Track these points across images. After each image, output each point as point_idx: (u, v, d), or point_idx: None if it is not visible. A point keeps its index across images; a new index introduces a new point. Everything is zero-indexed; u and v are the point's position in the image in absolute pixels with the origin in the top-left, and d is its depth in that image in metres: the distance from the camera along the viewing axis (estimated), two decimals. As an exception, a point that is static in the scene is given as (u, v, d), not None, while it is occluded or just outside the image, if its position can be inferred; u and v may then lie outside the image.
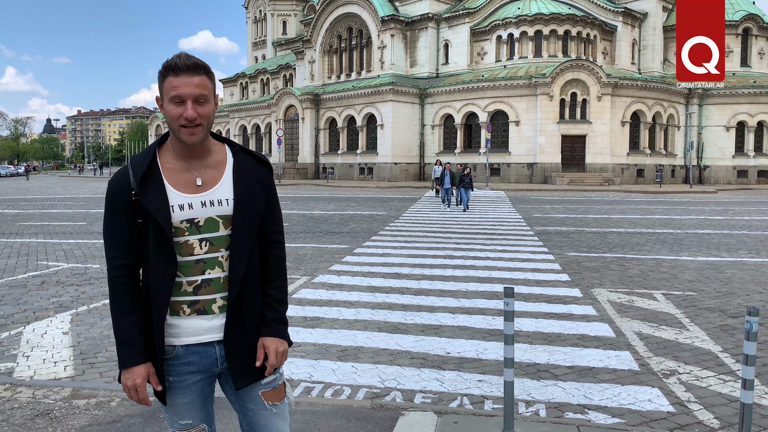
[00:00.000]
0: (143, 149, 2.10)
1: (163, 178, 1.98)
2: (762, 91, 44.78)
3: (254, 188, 2.07)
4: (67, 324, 6.44)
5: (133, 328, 1.97)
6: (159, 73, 1.97)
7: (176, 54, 1.97)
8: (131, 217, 1.97)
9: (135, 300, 1.99)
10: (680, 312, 7.06)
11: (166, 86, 1.94)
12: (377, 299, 7.57)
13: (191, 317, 2.01)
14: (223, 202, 2.02)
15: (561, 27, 45.19)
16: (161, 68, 1.96)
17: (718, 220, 18.58)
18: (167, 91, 1.94)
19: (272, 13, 73.07)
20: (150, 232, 1.96)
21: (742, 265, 10.38)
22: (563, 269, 9.79)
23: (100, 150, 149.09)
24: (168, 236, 1.94)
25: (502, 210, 21.65)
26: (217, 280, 2.01)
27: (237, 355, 2.04)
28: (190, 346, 2.02)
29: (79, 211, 21.13)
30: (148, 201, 1.94)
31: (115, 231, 2.00)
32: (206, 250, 2.00)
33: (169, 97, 1.94)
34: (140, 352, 1.97)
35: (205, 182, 2.02)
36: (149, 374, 1.98)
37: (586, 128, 41.19)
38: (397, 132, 45.75)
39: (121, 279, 1.99)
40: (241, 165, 2.09)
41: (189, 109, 1.92)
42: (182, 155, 2.03)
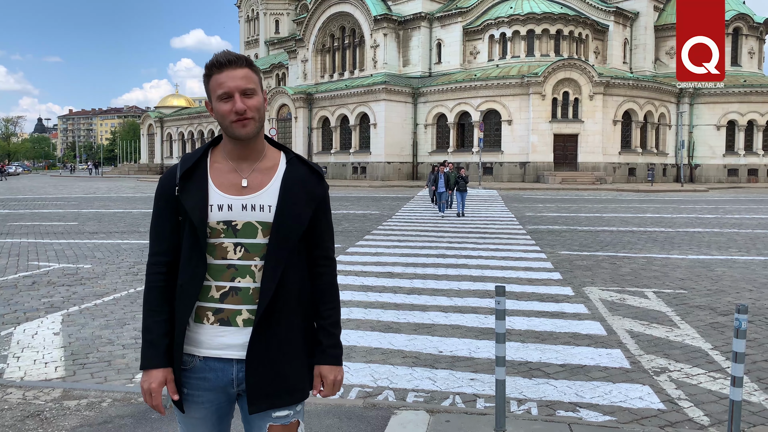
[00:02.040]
0: (199, 147, 2.01)
1: (208, 176, 1.91)
2: (752, 91, 45.10)
3: (300, 198, 1.93)
4: (58, 324, 6.41)
5: (158, 329, 1.89)
6: (203, 76, 1.92)
7: (216, 53, 1.91)
8: (175, 213, 1.92)
9: (166, 299, 1.91)
10: (671, 310, 7.10)
11: (213, 85, 1.87)
12: (370, 298, 7.57)
13: (214, 326, 1.88)
14: (265, 209, 1.90)
15: (553, 26, 45.33)
16: (204, 70, 1.90)
17: (708, 218, 18.70)
18: (214, 89, 1.87)
19: (265, 12, 72.94)
20: (186, 230, 1.90)
21: (732, 263, 10.45)
22: (555, 268, 9.82)
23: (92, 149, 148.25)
24: (200, 235, 1.87)
25: (495, 209, 21.70)
26: (246, 291, 1.88)
27: (258, 374, 1.87)
28: (209, 360, 1.89)
29: (71, 211, 21.01)
30: (186, 198, 1.88)
31: (158, 226, 1.95)
32: (240, 255, 1.88)
33: (216, 95, 1.86)
34: (161, 355, 1.87)
35: (250, 185, 1.91)
36: (167, 380, 1.87)
37: (578, 127, 41.34)
38: (390, 131, 45.76)
39: (157, 276, 1.92)
40: (292, 173, 1.96)
41: (237, 102, 1.84)
42: (233, 155, 1.93)
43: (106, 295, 7.80)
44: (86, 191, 34.93)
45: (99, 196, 29.69)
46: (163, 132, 75.52)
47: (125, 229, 15.39)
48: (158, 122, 75.57)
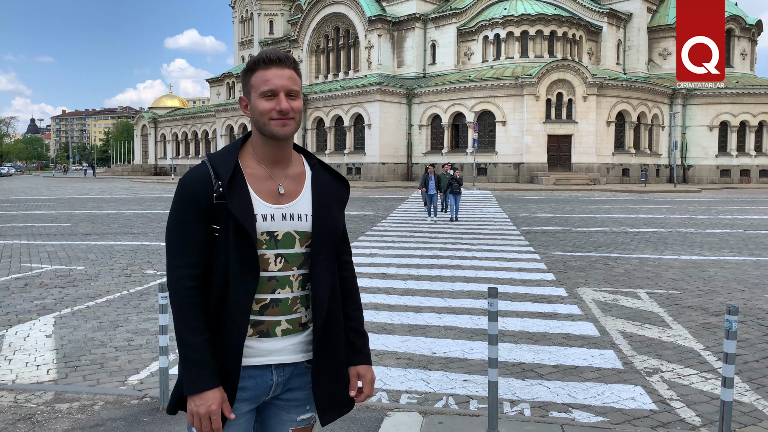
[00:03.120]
0: (226, 146, 1.92)
1: (246, 183, 1.82)
2: (744, 92, 45.35)
3: (333, 205, 1.92)
4: (51, 327, 6.38)
5: (206, 349, 1.75)
6: (244, 71, 1.86)
7: (264, 50, 1.86)
8: (209, 222, 1.78)
9: (205, 316, 1.78)
10: (663, 311, 7.14)
11: (256, 81, 1.82)
12: (364, 299, 7.50)
13: (253, 338, 1.82)
14: (303, 218, 1.86)
15: (547, 27, 45.47)
16: (248, 64, 1.84)
17: (701, 219, 18.79)
18: (258, 85, 1.82)
19: (259, 13, 72.80)
20: (231, 240, 1.77)
21: (724, 264, 10.51)
22: (549, 268, 9.85)
23: (85, 150, 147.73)
24: (254, 247, 1.77)
25: (489, 210, 21.74)
26: (285, 301, 1.84)
27: (324, 385, 1.86)
28: (247, 368, 1.82)
29: (64, 212, 20.92)
30: (234, 206, 1.76)
31: (189, 236, 1.78)
32: (280, 267, 1.83)
33: (260, 91, 1.81)
34: (215, 375, 1.75)
35: (287, 193, 1.87)
36: (223, 400, 1.76)
37: (572, 128, 41.48)
38: (385, 132, 45.78)
39: (192, 291, 1.77)
40: (320, 179, 1.94)
41: (283, 101, 1.80)
42: (265, 160, 1.88)
43: (99, 297, 7.77)
44: (79, 192, 34.79)
45: (92, 197, 29.57)
46: (156, 133, 75.31)
47: (118, 230, 15.33)
48: (152, 123, 75.36)
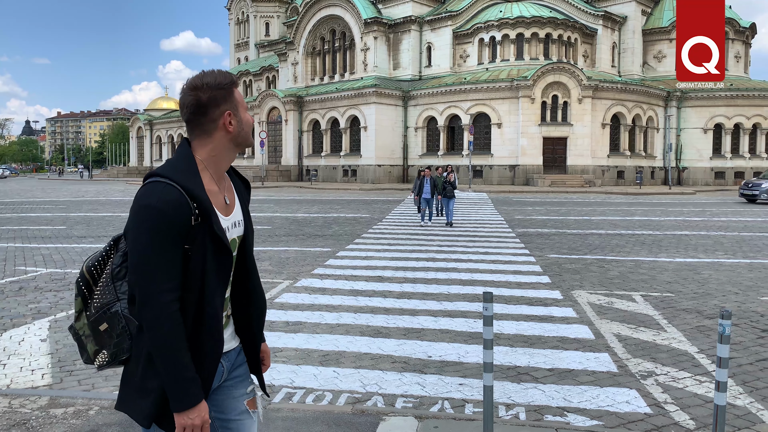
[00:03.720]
0: (176, 162, 1.93)
1: (210, 200, 1.89)
2: (738, 94, 45.58)
3: (247, 206, 2.12)
4: (45, 331, 6.36)
5: (192, 365, 1.83)
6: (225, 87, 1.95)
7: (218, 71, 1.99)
8: (184, 243, 1.83)
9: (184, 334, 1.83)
10: (658, 313, 7.16)
11: (239, 96, 1.99)
12: (360, 303, 7.58)
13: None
14: (240, 223, 2.03)
15: (542, 30, 45.61)
16: (229, 81, 1.96)
17: (695, 221, 18.87)
18: (241, 101, 1.99)
19: (255, 15, 72.85)
20: (209, 257, 1.86)
21: (718, 266, 10.56)
22: (544, 271, 9.88)
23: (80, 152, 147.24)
24: (231, 260, 1.93)
25: (485, 212, 21.77)
26: (228, 299, 2.05)
27: (254, 359, 2.18)
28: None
29: (59, 214, 20.85)
30: (213, 225, 1.86)
31: (170, 261, 1.80)
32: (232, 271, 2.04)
33: (243, 106, 2.01)
34: (200, 386, 1.85)
35: (230, 203, 2.01)
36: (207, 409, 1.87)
37: (567, 130, 41.59)
38: (381, 134, 45.82)
39: (177, 313, 1.81)
40: (237, 184, 2.10)
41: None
42: (217, 173, 1.98)
43: (94, 301, 7.74)
44: (75, 195, 34.68)
45: (88, 200, 29.49)
46: (152, 134, 75.18)
47: (114, 233, 15.25)
48: (147, 125, 75.24)
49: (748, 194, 27.16)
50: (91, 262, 1.98)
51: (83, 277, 1.96)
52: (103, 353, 1.93)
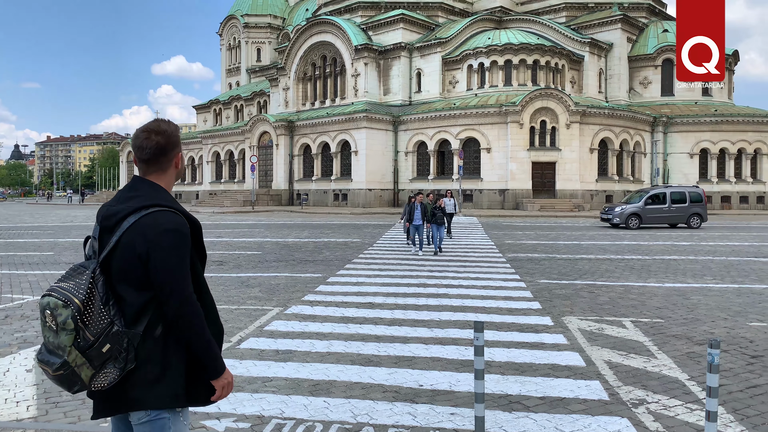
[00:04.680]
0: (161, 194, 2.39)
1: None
2: (722, 120, 46.36)
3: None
4: (31, 361, 6.26)
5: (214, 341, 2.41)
6: (177, 134, 2.49)
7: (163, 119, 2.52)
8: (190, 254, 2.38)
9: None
10: (648, 339, 7.18)
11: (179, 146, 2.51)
12: (350, 330, 7.54)
13: None
14: None
15: (530, 57, 46.33)
16: (178, 130, 2.52)
17: (683, 245, 19.01)
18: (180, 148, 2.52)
19: (246, 41, 73.52)
20: (197, 263, 2.43)
21: (707, 291, 10.62)
22: (535, 297, 9.89)
23: (69, 176, 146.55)
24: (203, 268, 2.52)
25: (475, 236, 21.83)
26: None
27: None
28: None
29: (47, 240, 20.67)
30: (201, 238, 2.47)
31: (188, 268, 2.33)
32: None
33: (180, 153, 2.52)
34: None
35: None
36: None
37: (556, 155, 42.01)
38: (372, 158, 46.04)
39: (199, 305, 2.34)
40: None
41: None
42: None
43: (82, 329, 7.64)
44: (63, 220, 34.43)
45: (76, 225, 29.28)
46: (142, 159, 74.97)
47: (102, 259, 15.16)
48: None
49: (606, 218, 27.30)
50: (82, 295, 2.17)
51: (78, 311, 2.14)
52: (104, 373, 2.19)
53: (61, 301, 2.13)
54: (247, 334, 7.31)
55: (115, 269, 2.27)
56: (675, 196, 27.45)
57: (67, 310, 2.12)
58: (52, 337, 2.15)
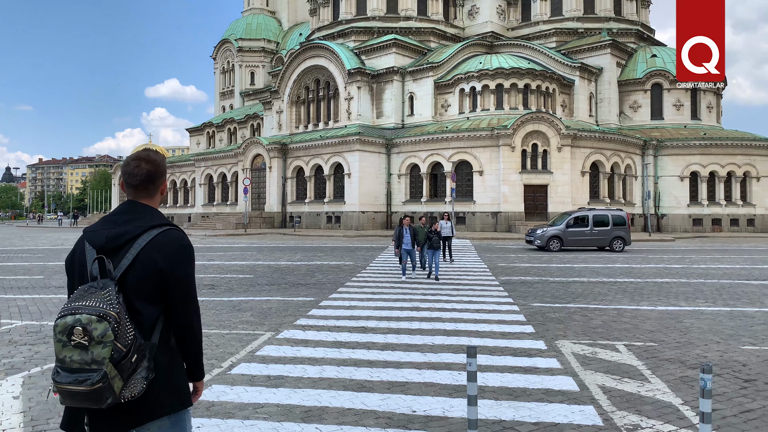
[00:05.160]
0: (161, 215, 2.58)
1: None
2: (711, 143, 46.91)
3: None
4: (19, 387, 6.17)
5: None
6: (164, 164, 2.68)
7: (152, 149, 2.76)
8: None
9: None
10: (642, 363, 7.16)
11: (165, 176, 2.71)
12: (343, 355, 7.49)
13: None
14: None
15: (521, 81, 46.87)
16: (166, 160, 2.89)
17: (675, 268, 19.08)
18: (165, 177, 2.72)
19: (240, 65, 74.07)
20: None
21: (699, 315, 10.64)
22: (528, 320, 9.87)
23: (61, 199, 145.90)
24: None
25: (468, 259, 21.83)
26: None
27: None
28: None
29: (37, 263, 20.50)
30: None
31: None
32: None
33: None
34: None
35: None
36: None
37: (548, 178, 42.28)
38: (365, 181, 46.16)
39: None
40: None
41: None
42: None
43: (71, 355, 7.54)
44: (53, 243, 34.20)
45: (67, 248, 29.07)
46: (135, 181, 74.81)
47: (93, 282, 15.02)
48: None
49: (529, 240, 27.38)
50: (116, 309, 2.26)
51: (117, 323, 2.23)
52: (131, 384, 2.28)
53: (95, 315, 2.19)
54: (239, 360, 7.24)
55: (132, 285, 2.38)
56: (598, 219, 27.07)
57: (103, 323, 2.19)
58: (80, 354, 2.18)
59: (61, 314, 2.24)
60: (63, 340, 2.20)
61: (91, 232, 2.48)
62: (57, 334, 2.22)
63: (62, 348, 2.20)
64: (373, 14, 55.61)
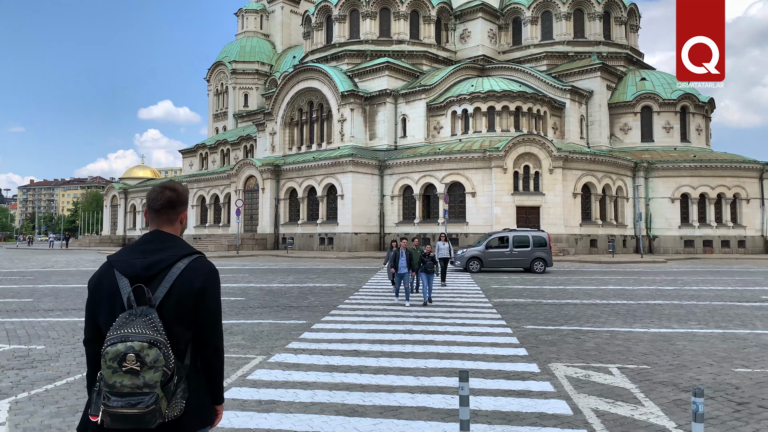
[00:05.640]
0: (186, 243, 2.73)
1: None
2: (701, 165, 47.38)
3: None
4: (5, 413, 6.07)
5: None
6: (187, 194, 2.83)
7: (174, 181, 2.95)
8: None
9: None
10: (635, 386, 7.14)
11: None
12: (335, 379, 7.42)
13: None
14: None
15: (512, 103, 47.35)
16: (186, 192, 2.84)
17: (668, 290, 19.12)
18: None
19: (234, 87, 74.53)
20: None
21: (692, 337, 10.64)
22: (521, 343, 9.84)
23: (52, 220, 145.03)
24: None
25: (461, 281, 21.80)
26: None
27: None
28: None
29: (26, 286, 20.30)
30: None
31: None
32: None
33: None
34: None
35: None
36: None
37: (540, 200, 42.49)
38: (357, 202, 46.22)
39: None
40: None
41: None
42: None
43: (59, 379, 7.46)
44: (44, 265, 33.91)
45: (57, 270, 28.84)
46: (127, 203, 74.70)
47: (83, 305, 14.85)
48: (122, 193, 74.89)
49: (452, 262, 27.33)
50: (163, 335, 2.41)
51: (166, 348, 2.39)
52: (173, 403, 2.42)
53: (147, 342, 2.34)
54: (230, 384, 7.16)
55: (169, 310, 2.50)
56: (518, 240, 26.82)
57: (154, 349, 2.33)
58: (130, 379, 2.30)
59: (110, 342, 2.34)
60: (113, 366, 2.30)
61: (120, 261, 2.58)
62: (107, 362, 2.31)
63: (112, 374, 2.31)
64: (366, 38, 56.25)
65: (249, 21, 78.08)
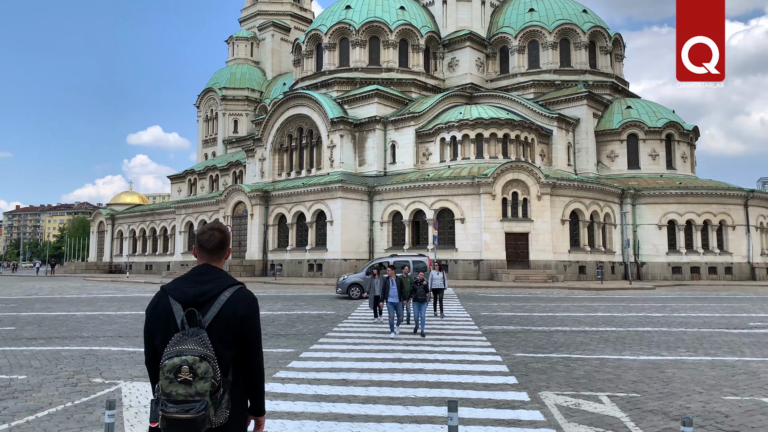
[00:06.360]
0: (228, 275, 3.07)
1: None
2: (687, 192, 47.93)
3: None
4: (-16, 446, 5.91)
5: None
6: (230, 235, 3.21)
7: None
8: None
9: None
10: (625, 415, 7.11)
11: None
12: (323, 409, 7.32)
13: None
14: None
15: (500, 131, 47.87)
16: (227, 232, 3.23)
17: (657, 317, 19.16)
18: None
19: (224, 113, 74.81)
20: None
21: (681, 364, 10.64)
22: (511, 371, 9.78)
23: (37, 247, 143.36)
24: None
25: (451, 307, 21.72)
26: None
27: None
28: None
29: (8, 314, 19.96)
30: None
31: None
32: None
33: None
34: None
35: None
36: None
37: (528, 226, 42.69)
38: (347, 228, 46.16)
39: None
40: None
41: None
42: None
43: (40, 410, 7.30)
44: (27, 292, 33.41)
45: (41, 297, 28.41)
46: (114, 229, 74.04)
47: (67, 333, 14.65)
48: (110, 219, 74.26)
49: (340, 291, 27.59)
50: (212, 351, 2.80)
51: (215, 362, 2.77)
52: (219, 412, 2.78)
53: (198, 357, 2.71)
54: (216, 415, 7.03)
55: (215, 332, 2.86)
56: (398, 265, 25.60)
57: (204, 362, 2.71)
58: (184, 388, 2.67)
59: (167, 356, 2.72)
60: (170, 377, 2.68)
61: (174, 289, 2.98)
62: (165, 373, 2.69)
63: (169, 384, 2.69)
64: (356, 65, 56.88)
65: (240, 48, 78.78)
